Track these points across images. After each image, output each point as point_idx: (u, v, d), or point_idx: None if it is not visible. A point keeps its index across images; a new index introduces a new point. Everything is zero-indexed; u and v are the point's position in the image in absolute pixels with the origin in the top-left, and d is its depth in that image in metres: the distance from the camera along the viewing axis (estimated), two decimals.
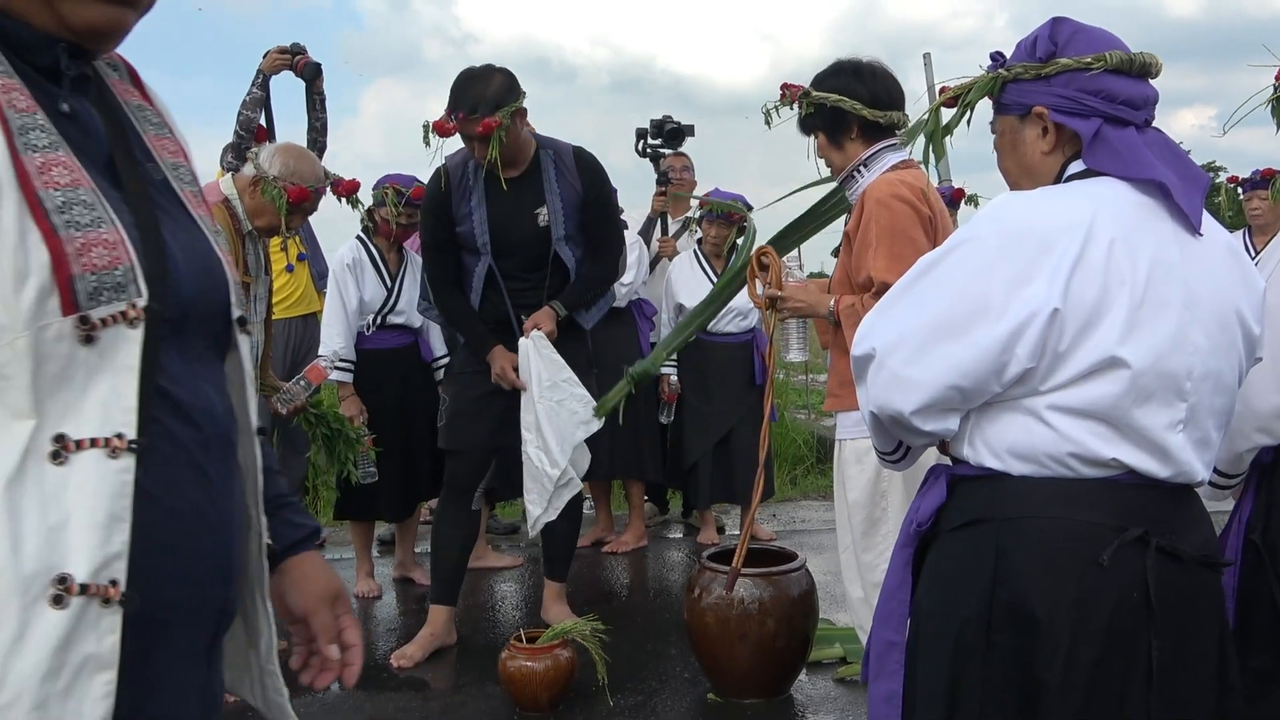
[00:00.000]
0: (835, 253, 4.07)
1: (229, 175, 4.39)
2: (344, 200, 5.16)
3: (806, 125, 3.66)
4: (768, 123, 4.66)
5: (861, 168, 3.54)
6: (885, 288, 3.31)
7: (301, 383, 4.73)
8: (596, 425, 4.48)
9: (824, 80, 3.58)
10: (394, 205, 5.45)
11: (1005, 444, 1.88)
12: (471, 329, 4.65)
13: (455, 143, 4.56)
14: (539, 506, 4.45)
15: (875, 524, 3.50)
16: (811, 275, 4.91)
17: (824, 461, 9.46)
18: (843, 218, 3.90)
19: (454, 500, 4.78)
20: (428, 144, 4.53)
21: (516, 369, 4.42)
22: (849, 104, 3.47)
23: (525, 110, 4.45)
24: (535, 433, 4.39)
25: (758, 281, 3.73)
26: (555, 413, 4.39)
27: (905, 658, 2.04)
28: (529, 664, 4.14)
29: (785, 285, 3.65)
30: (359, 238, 5.63)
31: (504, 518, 7.35)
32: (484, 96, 4.29)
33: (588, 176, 4.64)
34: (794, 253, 4.19)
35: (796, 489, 8.72)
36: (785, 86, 3.98)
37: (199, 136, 4.46)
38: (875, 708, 2.10)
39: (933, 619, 1.96)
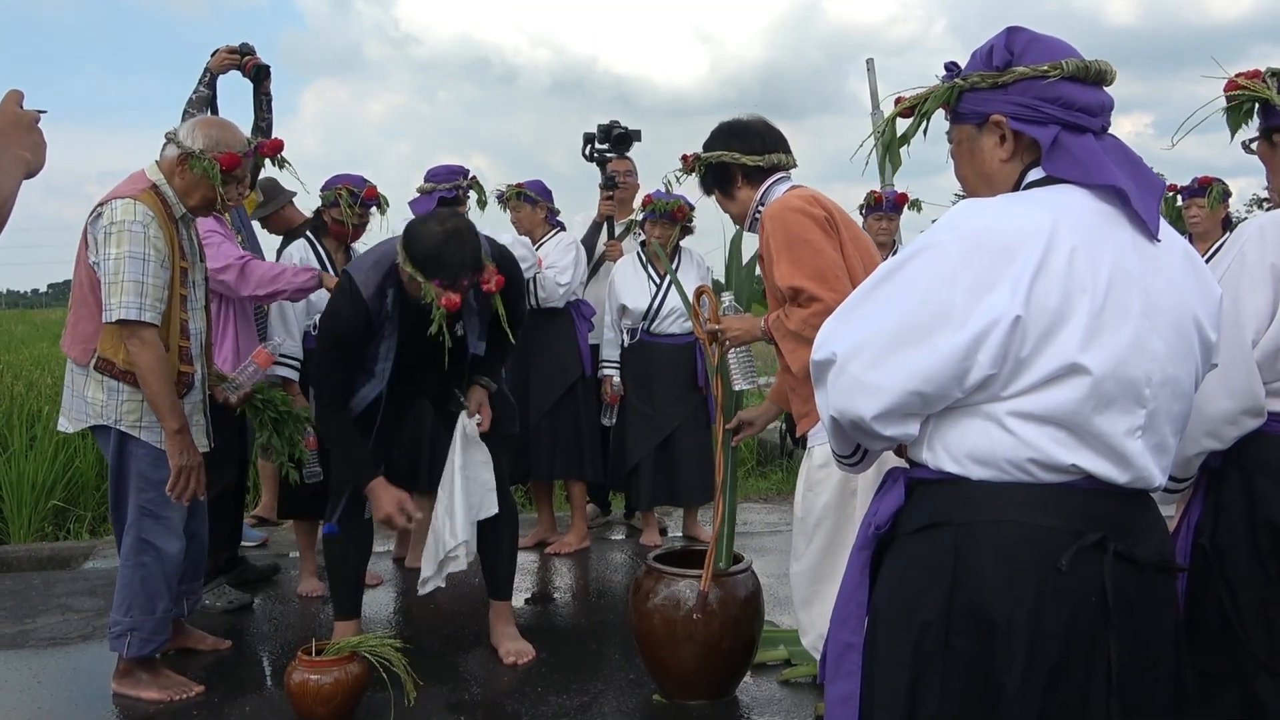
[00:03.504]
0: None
1: (153, 162, 4.27)
2: (270, 162, 5.09)
3: (704, 185, 4.12)
4: (667, 190, 5.06)
5: (760, 206, 3.93)
6: (794, 291, 3.56)
7: (250, 369, 4.69)
8: (493, 511, 4.51)
9: (708, 144, 4.07)
10: (347, 206, 5.44)
11: (965, 449, 1.89)
12: (352, 455, 4.42)
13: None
14: (430, 568, 4.43)
15: (850, 521, 3.65)
16: None
17: (765, 464, 9.52)
18: None
19: (347, 510, 4.57)
20: (439, 331, 4.07)
21: (402, 507, 4.34)
22: (730, 156, 3.95)
23: None
24: (449, 498, 4.37)
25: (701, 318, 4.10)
26: (469, 486, 4.41)
27: (863, 660, 2.06)
28: (312, 677, 3.99)
29: (722, 318, 3.98)
30: (307, 237, 5.61)
31: None
32: (478, 256, 4.10)
33: (505, 278, 4.30)
34: (729, 290, 4.37)
35: (738, 492, 8.73)
36: (683, 157, 4.56)
37: (141, 135, 4.42)
38: (832, 709, 2.11)
39: (891, 621, 1.97)
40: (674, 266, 6.57)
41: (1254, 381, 2.58)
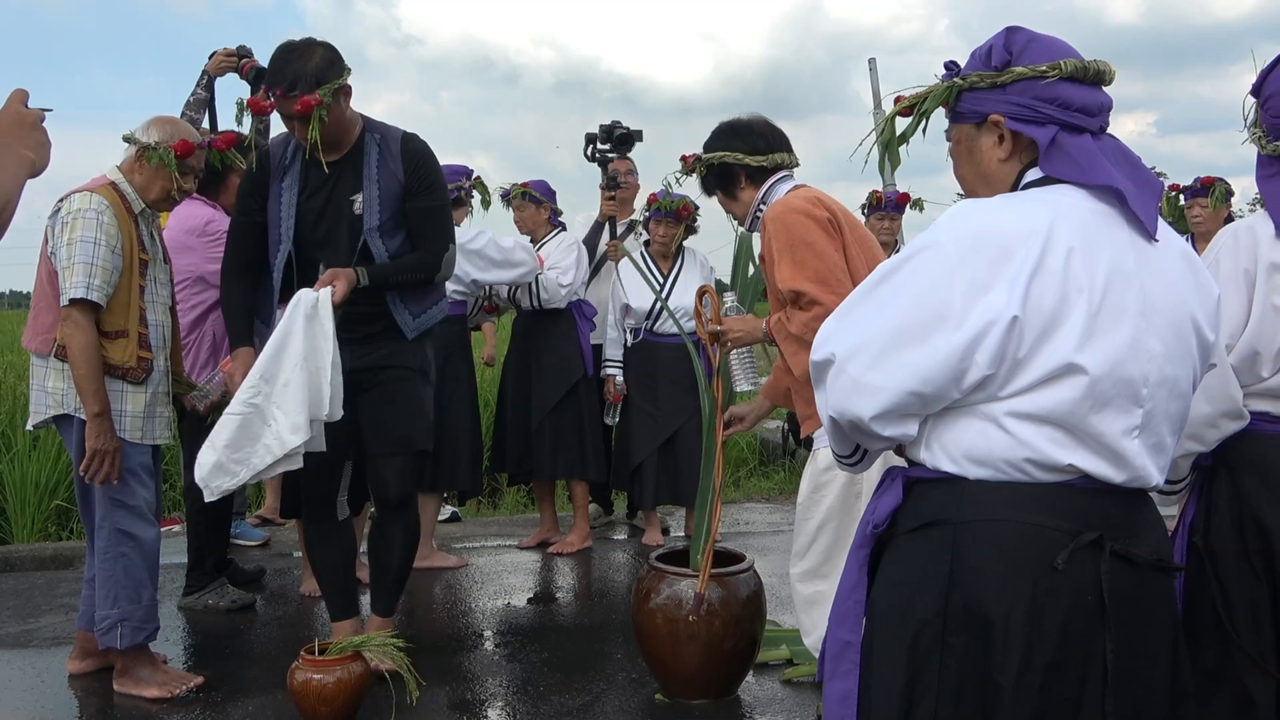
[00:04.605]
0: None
1: (114, 166, 4.38)
2: (225, 156, 5.11)
3: (706, 186, 4.11)
4: (668, 191, 4.99)
5: (761, 206, 3.93)
6: (795, 294, 3.55)
7: (217, 378, 4.70)
8: (337, 415, 3.95)
9: (709, 144, 4.07)
10: None
11: (962, 449, 1.89)
12: (233, 319, 4.34)
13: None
14: (246, 472, 3.85)
15: (855, 524, 3.68)
16: None
17: (767, 464, 9.52)
18: None
19: (315, 514, 4.47)
20: (240, 123, 4.29)
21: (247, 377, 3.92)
22: (732, 157, 3.96)
23: (349, 89, 4.17)
24: (286, 391, 3.84)
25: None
26: (312, 380, 3.89)
27: (860, 658, 2.06)
28: (315, 676, 3.96)
29: (724, 319, 3.97)
30: None
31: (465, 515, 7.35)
32: (303, 72, 4.02)
33: (411, 164, 4.27)
34: (731, 290, 4.38)
35: (740, 491, 8.76)
36: (683, 158, 4.51)
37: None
38: (830, 707, 2.12)
39: (888, 620, 1.97)
40: (677, 266, 6.59)
41: (1230, 385, 2.61)
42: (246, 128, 4.32)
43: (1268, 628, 2.65)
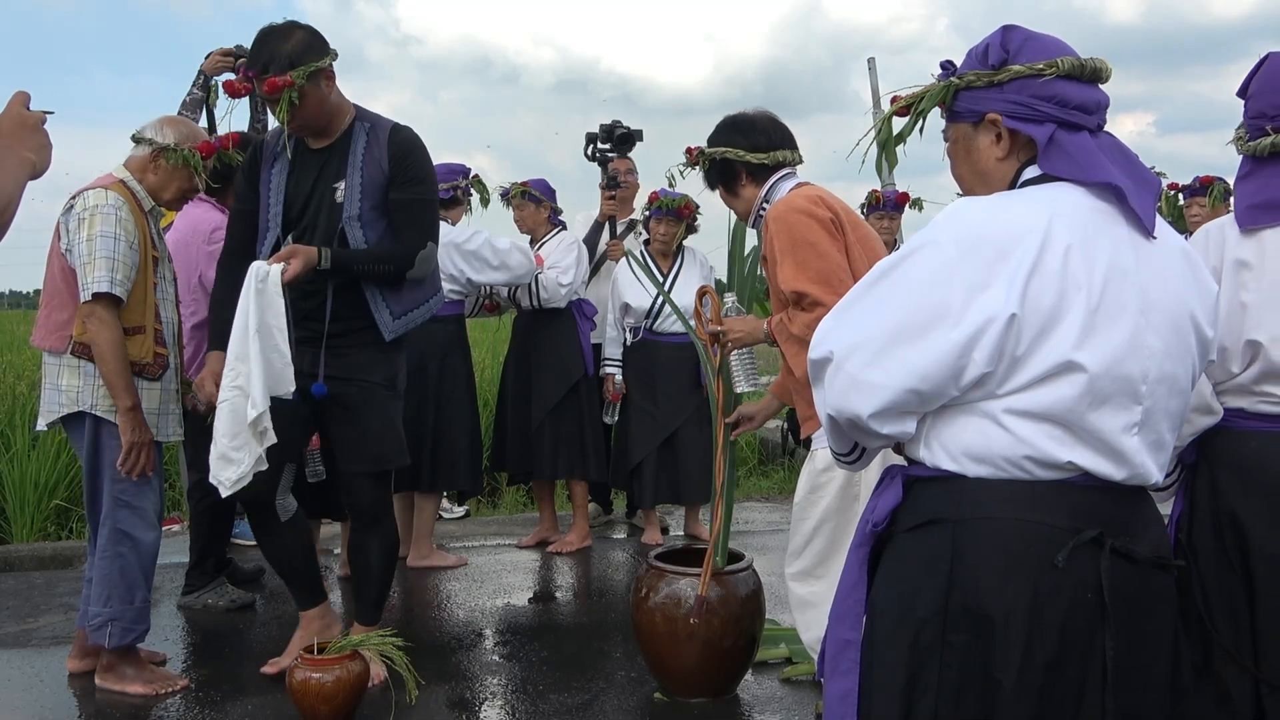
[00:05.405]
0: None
1: (120, 165, 4.38)
2: (226, 155, 5.11)
3: (709, 181, 4.08)
4: (671, 185, 5.01)
5: (764, 204, 3.89)
6: (798, 295, 3.53)
7: None
8: (289, 389, 3.90)
9: (712, 138, 4.03)
10: None
11: (961, 446, 1.90)
12: (217, 322, 4.22)
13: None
14: (249, 456, 3.86)
15: (852, 525, 3.66)
16: None
17: (766, 463, 9.52)
18: None
19: (255, 515, 4.35)
20: (213, 107, 4.33)
21: (218, 384, 3.94)
22: (734, 153, 3.92)
23: (331, 72, 4.11)
24: (247, 365, 3.83)
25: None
26: (266, 356, 3.84)
27: (861, 656, 2.06)
28: (314, 675, 3.94)
29: (725, 320, 3.96)
30: None
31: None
32: (278, 53, 3.97)
33: (396, 154, 4.18)
34: (731, 291, 4.36)
35: (739, 490, 8.74)
36: (688, 150, 4.43)
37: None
38: (830, 705, 2.12)
39: (888, 618, 1.98)
40: (677, 265, 6.59)
41: (1200, 382, 2.63)
42: (223, 111, 4.35)
43: (1245, 622, 2.68)
